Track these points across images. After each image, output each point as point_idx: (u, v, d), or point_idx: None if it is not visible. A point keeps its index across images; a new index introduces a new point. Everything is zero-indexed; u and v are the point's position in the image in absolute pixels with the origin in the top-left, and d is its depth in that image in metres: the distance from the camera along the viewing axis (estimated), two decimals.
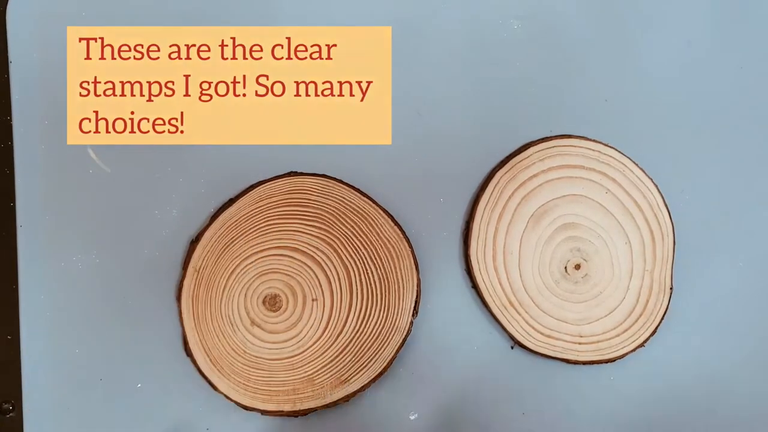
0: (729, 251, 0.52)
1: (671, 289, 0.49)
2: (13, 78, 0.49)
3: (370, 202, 0.48)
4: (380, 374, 0.48)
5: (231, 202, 0.48)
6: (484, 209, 0.48)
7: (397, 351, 0.48)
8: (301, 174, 0.48)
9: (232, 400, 0.48)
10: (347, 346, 0.48)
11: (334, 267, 0.48)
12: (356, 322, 0.48)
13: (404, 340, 0.48)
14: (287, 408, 0.48)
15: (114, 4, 0.49)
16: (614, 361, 0.49)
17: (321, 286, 0.48)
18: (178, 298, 0.48)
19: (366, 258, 0.48)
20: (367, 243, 0.48)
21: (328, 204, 0.48)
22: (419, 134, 0.50)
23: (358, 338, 0.48)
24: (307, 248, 0.48)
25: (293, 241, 0.48)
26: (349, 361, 0.48)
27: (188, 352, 0.48)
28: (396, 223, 0.48)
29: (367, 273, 0.48)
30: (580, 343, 0.49)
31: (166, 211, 0.49)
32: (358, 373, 0.48)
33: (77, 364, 0.49)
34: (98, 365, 0.49)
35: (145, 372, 0.49)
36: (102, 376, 0.49)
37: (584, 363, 0.49)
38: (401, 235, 0.48)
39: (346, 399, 0.48)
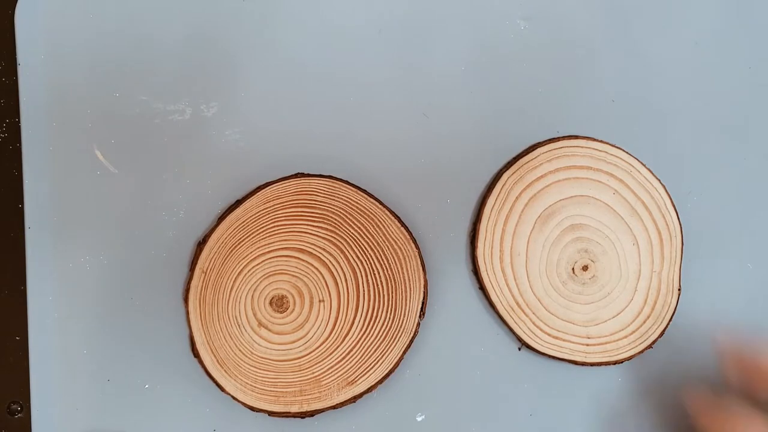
0: (737, 252, 0.51)
1: (679, 290, 0.49)
2: (22, 80, 0.49)
3: (377, 203, 0.48)
4: (387, 375, 0.48)
5: (238, 203, 0.48)
6: (491, 210, 0.48)
7: (404, 352, 0.48)
8: (308, 175, 0.48)
9: (239, 401, 0.48)
10: (354, 347, 0.48)
11: (341, 268, 0.48)
12: (363, 324, 0.48)
13: (411, 341, 0.48)
14: (294, 409, 0.48)
15: (119, 6, 0.49)
16: (622, 362, 0.49)
17: (328, 287, 0.48)
18: (186, 299, 0.48)
19: (373, 259, 0.48)
20: (373, 244, 0.48)
21: (334, 205, 0.48)
22: (425, 135, 0.50)
23: (365, 339, 0.48)
24: (314, 249, 0.48)
25: (300, 242, 0.48)
26: (356, 362, 0.48)
27: (195, 352, 0.48)
28: (403, 224, 0.48)
29: (374, 274, 0.48)
30: (588, 345, 0.48)
31: (173, 212, 0.49)
32: (365, 375, 0.48)
33: (85, 365, 0.49)
34: (106, 366, 0.49)
35: (153, 373, 0.49)
36: (109, 377, 0.49)
37: (592, 364, 0.49)
38: (408, 237, 0.48)
39: (353, 400, 0.48)
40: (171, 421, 0.49)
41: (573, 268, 0.48)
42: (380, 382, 0.48)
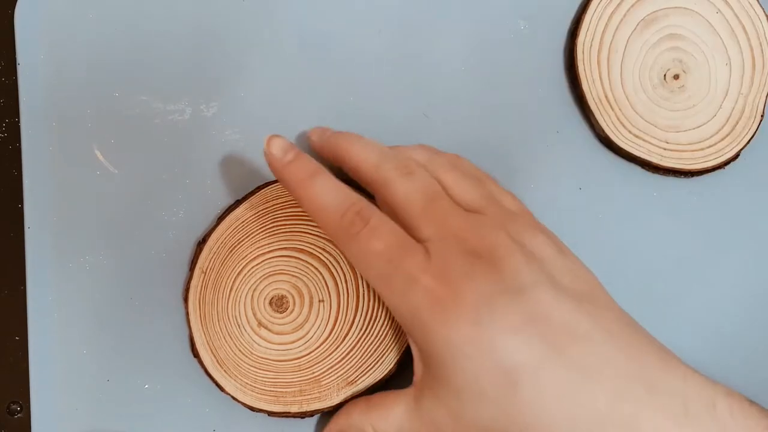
0: None
1: (762, 116, 0.50)
2: (21, 80, 0.49)
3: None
4: (386, 376, 0.48)
5: (238, 203, 0.48)
6: (598, 4, 0.49)
7: (403, 353, 0.48)
8: None
9: (238, 401, 0.48)
10: (354, 347, 0.48)
11: (341, 268, 0.48)
12: (363, 324, 0.48)
13: None
14: (294, 409, 0.48)
15: (119, 6, 0.49)
16: (694, 175, 0.50)
17: (328, 287, 0.48)
18: (185, 299, 0.48)
19: None
20: None
21: None
22: (425, 136, 0.50)
23: (364, 340, 0.48)
24: (314, 249, 0.48)
25: (300, 242, 0.48)
26: (356, 362, 0.48)
27: (195, 352, 0.48)
28: None
29: None
30: (665, 149, 0.49)
31: (172, 212, 0.49)
32: (364, 375, 0.48)
33: (85, 365, 0.49)
34: (105, 366, 0.49)
35: (152, 373, 0.49)
36: (109, 377, 0.49)
37: (666, 170, 0.49)
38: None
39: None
40: (171, 421, 0.49)
41: (665, 75, 0.49)
42: (379, 382, 0.48)
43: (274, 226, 0.48)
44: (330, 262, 0.48)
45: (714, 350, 0.51)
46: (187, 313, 0.48)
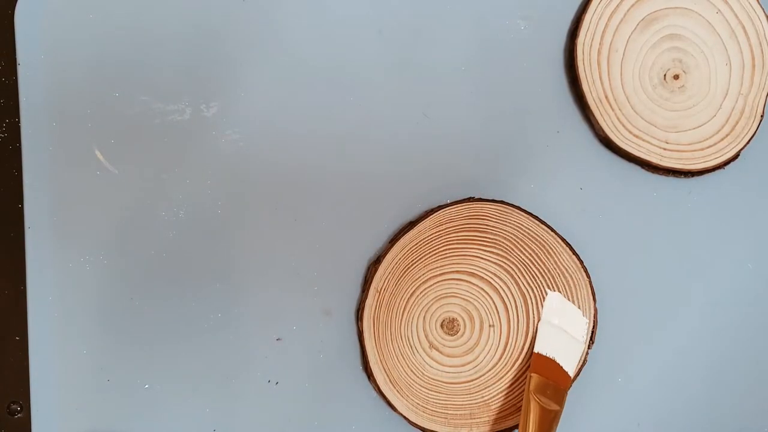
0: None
1: (762, 116, 0.50)
2: (22, 80, 0.49)
3: (548, 230, 0.48)
4: None
5: (411, 225, 0.48)
6: (598, 4, 0.49)
7: (573, 379, 0.48)
8: (480, 200, 0.48)
9: (410, 421, 0.48)
10: (524, 373, 0.48)
11: (511, 294, 0.48)
12: (533, 350, 0.48)
13: (580, 369, 0.48)
14: None
15: (119, 6, 0.49)
16: (694, 175, 0.50)
17: (498, 312, 0.48)
18: (360, 318, 0.48)
19: (543, 286, 0.48)
20: (544, 271, 0.48)
21: (505, 230, 0.48)
22: (426, 136, 0.50)
23: None
24: (485, 274, 0.48)
25: (471, 266, 0.48)
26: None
27: (368, 371, 0.48)
28: (574, 252, 0.48)
29: (544, 301, 0.48)
30: (665, 149, 0.49)
31: (173, 212, 0.49)
32: None
33: (85, 365, 0.49)
34: (106, 366, 0.49)
35: (153, 373, 0.49)
36: (109, 377, 0.49)
37: (666, 170, 0.49)
38: (579, 264, 0.48)
39: None
40: (171, 421, 0.49)
41: (665, 75, 0.49)
42: None
43: (445, 250, 0.48)
44: (500, 287, 0.48)
45: (714, 348, 0.51)
46: (361, 332, 0.48)
